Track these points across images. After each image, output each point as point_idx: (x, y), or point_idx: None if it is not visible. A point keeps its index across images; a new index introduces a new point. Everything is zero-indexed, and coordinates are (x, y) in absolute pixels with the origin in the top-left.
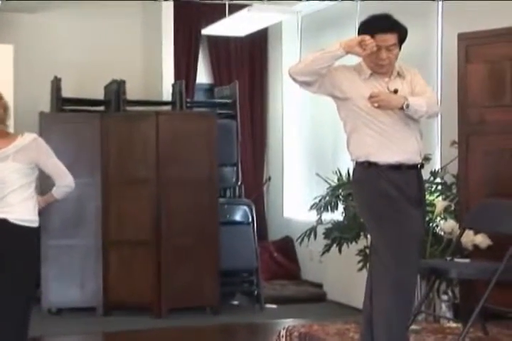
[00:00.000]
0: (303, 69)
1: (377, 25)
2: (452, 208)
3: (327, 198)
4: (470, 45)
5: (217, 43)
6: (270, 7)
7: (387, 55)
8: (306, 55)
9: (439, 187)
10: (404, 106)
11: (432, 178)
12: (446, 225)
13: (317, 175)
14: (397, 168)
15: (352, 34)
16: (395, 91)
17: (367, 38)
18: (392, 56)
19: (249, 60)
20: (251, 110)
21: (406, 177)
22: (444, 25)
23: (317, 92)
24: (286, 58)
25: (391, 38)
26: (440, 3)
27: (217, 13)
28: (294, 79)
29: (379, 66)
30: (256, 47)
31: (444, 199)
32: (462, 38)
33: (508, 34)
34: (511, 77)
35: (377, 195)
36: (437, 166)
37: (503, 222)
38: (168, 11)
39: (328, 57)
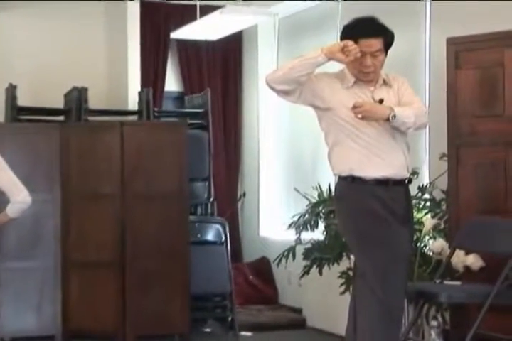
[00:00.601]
0: (281, 77)
1: (361, 30)
2: (442, 226)
3: (307, 216)
4: (460, 50)
5: (188, 48)
6: (245, 9)
7: (372, 61)
8: (283, 61)
9: (428, 203)
10: (391, 118)
11: (419, 194)
12: (435, 245)
13: (296, 190)
14: (383, 183)
15: (333, 38)
16: (381, 101)
17: (350, 43)
18: (378, 63)
19: (223, 66)
20: (224, 120)
21: (393, 193)
22: (433, 29)
23: (297, 102)
24: (263, 64)
25: (376, 43)
26: (428, 5)
27: (188, 16)
28: (272, 88)
29: (363, 73)
30: (230, 53)
31: (432, 217)
32: (451, 42)
33: (500, 38)
34: (504, 84)
35: (361, 212)
36: (425, 181)
37: (496, 242)
38: (134, 12)
39: (309, 63)
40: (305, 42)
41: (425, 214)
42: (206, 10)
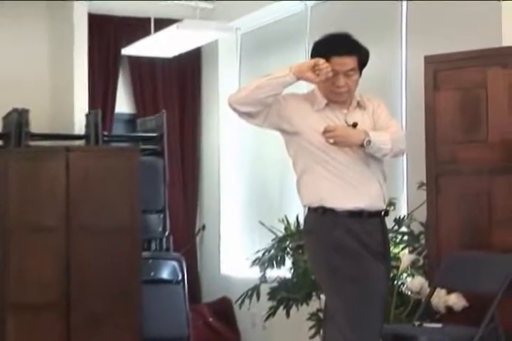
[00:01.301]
0: (245, 98)
1: (333, 47)
2: (420, 262)
3: (272, 251)
4: (439, 69)
5: (141, 66)
6: (204, 23)
7: (346, 81)
8: (246, 80)
9: (405, 237)
10: (365, 143)
11: (396, 227)
12: (413, 283)
13: (261, 223)
14: (357, 215)
15: (301, 56)
16: (354, 125)
17: (321, 61)
18: (352, 83)
19: (179, 85)
20: (181, 146)
21: (367, 226)
22: (409, 46)
23: (262, 126)
24: (224, 84)
25: (350, 62)
26: (404, 20)
27: (141, 30)
28: (235, 110)
29: (336, 94)
30: (187, 71)
31: (410, 252)
32: (430, 61)
33: (482, 57)
34: (487, 106)
35: (333, 248)
36: (403, 213)
37: (481, 279)
38: (81, 25)
39: (276, 83)
40: (270, 59)
41: (402, 249)
42: (161, 24)
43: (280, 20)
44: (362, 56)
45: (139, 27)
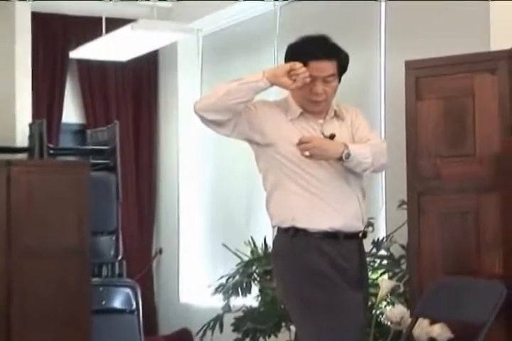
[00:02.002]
0: (213, 105)
1: (311, 50)
2: (401, 290)
3: (237, 277)
4: (421, 76)
5: (91, 70)
6: (161, 24)
7: (324, 88)
8: (209, 86)
9: (384, 261)
10: (344, 157)
11: (374, 250)
12: (393, 312)
13: (224, 246)
14: (333, 236)
15: (270, 60)
16: (332, 137)
17: (298, 65)
18: (330, 90)
19: (134, 93)
20: (136, 160)
21: (343, 249)
22: (389, 50)
23: (231, 135)
24: (183, 91)
25: (329, 67)
26: (383, 22)
27: (92, 31)
28: (201, 118)
29: (313, 103)
30: (143, 77)
31: (390, 278)
32: (411, 66)
33: (469, 62)
34: (474, 117)
35: (305, 273)
36: (382, 234)
37: (467, 308)
38: (23, 24)
39: (248, 89)
40: (235, 63)
41: (381, 274)
42: (114, 24)
43: (246, 21)
44: (342, 61)
45: (89, 27)
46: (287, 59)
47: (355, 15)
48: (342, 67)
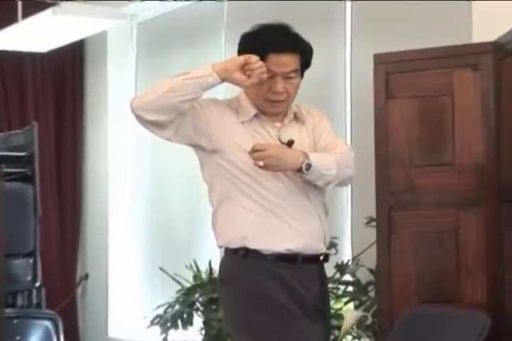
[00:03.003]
0: (154, 103)
1: (270, 41)
2: (369, 321)
3: (177, 307)
4: (392, 71)
5: (4, 63)
6: (88, 8)
7: (285, 86)
8: (146, 81)
9: (350, 288)
10: (304, 168)
11: (338, 275)
12: None
13: (162, 270)
14: (290, 260)
15: (217, 51)
16: (290, 144)
17: (254, 59)
18: (292, 88)
19: (56, 89)
20: (58, 168)
21: (302, 274)
22: (356, 43)
23: (173, 139)
24: (114, 87)
25: (291, 62)
26: (349, 12)
27: (4, 16)
28: (139, 118)
29: (271, 103)
30: (67, 71)
31: (356, 308)
32: (380, 60)
33: (448, 56)
34: (453, 119)
35: (257, 301)
36: (346, 256)
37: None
38: None
39: (194, 84)
40: (176, 55)
41: (346, 303)
42: (32, 8)
43: (189, 6)
44: (305, 54)
45: (1, 12)
46: (241, 51)
47: (318, 2)
48: (305, 62)
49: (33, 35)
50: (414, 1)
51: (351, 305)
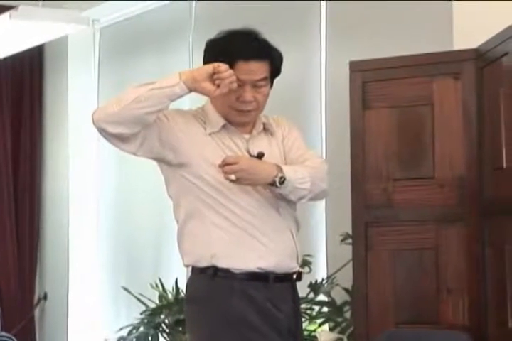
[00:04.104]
0: (118, 115)
1: (238, 48)
2: None
3: (141, 329)
4: (369, 80)
5: None
6: (48, 12)
7: (254, 94)
8: (109, 90)
9: (324, 309)
10: (278, 181)
11: (312, 295)
12: None
13: (125, 290)
14: (261, 279)
15: (183, 57)
16: (260, 156)
17: (223, 67)
18: (261, 97)
19: (13, 98)
20: (14, 181)
21: (274, 294)
22: (331, 50)
23: (137, 153)
24: (75, 96)
25: (260, 69)
26: (324, 16)
27: None
28: (102, 131)
29: (239, 113)
30: (24, 78)
31: (331, 329)
32: (357, 68)
33: (428, 64)
34: (433, 130)
35: (226, 322)
36: (321, 275)
37: None
38: None
39: (161, 95)
40: (141, 62)
41: (320, 325)
42: None
43: (154, 11)
44: (275, 61)
45: None
46: (208, 58)
47: (290, 5)
48: (275, 69)
49: None
50: (393, 1)
51: (326, 326)
